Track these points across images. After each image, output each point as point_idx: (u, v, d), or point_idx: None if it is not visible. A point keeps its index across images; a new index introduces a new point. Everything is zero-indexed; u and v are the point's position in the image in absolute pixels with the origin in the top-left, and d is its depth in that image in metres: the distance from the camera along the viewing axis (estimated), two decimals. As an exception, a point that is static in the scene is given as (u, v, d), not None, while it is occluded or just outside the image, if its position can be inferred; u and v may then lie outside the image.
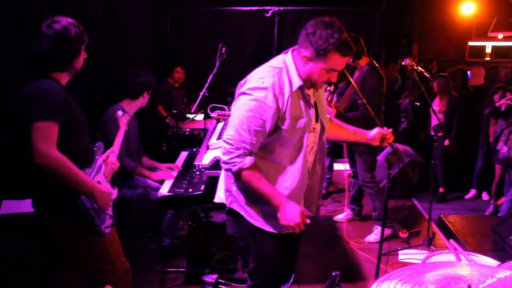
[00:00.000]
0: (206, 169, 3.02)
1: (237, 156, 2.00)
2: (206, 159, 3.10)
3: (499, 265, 1.72)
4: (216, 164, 3.01)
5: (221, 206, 2.30)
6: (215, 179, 3.22)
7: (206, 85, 4.18)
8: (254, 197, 2.11)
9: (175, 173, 3.63)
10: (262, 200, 2.07)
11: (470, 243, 3.96)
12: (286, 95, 1.99)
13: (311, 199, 2.33)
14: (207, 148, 3.36)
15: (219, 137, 3.53)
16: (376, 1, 6.48)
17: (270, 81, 1.97)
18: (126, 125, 2.93)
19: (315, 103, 2.16)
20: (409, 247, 4.08)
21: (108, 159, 2.51)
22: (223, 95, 5.28)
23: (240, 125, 1.99)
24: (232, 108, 2.11)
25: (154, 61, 5.88)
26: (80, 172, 2.16)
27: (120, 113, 2.96)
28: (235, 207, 2.18)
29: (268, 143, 2.07)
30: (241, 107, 2.00)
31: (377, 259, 2.89)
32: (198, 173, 3.40)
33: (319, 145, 2.23)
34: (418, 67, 3.92)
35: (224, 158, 2.03)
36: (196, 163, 3.08)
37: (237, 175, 2.04)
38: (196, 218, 4.27)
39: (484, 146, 5.51)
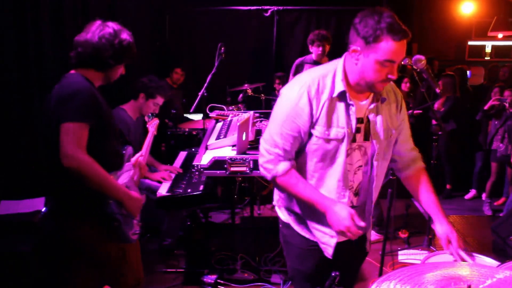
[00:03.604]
0: (205, 169, 3.01)
1: (270, 162, 1.84)
2: (205, 159, 3.10)
3: (499, 265, 1.71)
4: (215, 164, 3.00)
5: (220, 206, 2.25)
6: (214, 179, 3.22)
7: (205, 85, 4.17)
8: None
9: (173, 175, 3.62)
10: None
11: (470, 243, 3.95)
12: (323, 100, 1.77)
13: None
14: (206, 148, 3.35)
15: (218, 137, 3.52)
16: (376, 1, 6.47)
17: (308, 81, 1.78)
18: (155, 129, 2.86)
19: (367, 118, 1.85)
20: (408, 248, 4.07)
21: (137, 163, 2.41)
22: (222, 95, 5.27)
23: (273, 127, 1.83)
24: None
25: (153, 61, 5.88)
26: (109, 177, 2.06)
27: (147, 118, 2.95)
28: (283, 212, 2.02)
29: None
30: (276, 108, 1.85)
31: (380, 260, 2.88)
32: (197, 173, 3.39)
33: (375, 167, 1.89)
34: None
35: (259, 161, 1.88)
36: (195, 163, 3.08)
37: (273, 183, 1.89)
38: (195, 218, 4.26)
39: (484, 146, 5.51)
